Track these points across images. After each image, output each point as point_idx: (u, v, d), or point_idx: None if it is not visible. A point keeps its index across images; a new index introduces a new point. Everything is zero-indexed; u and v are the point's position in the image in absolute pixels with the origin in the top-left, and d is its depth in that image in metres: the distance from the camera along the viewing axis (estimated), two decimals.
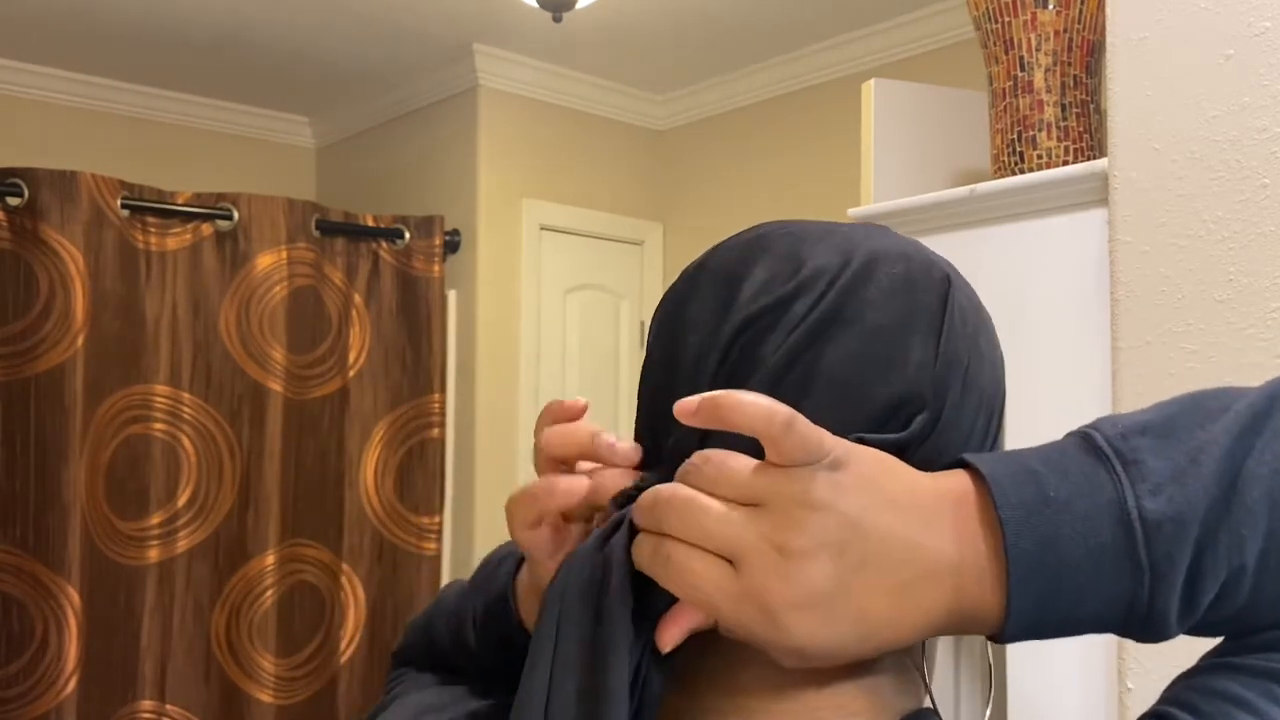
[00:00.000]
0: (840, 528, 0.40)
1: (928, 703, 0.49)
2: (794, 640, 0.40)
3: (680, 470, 0.43)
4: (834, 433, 0.42)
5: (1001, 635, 0.41)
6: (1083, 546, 0.39)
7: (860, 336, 0.46)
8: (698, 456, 0.42)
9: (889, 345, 0.46)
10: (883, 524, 0.40)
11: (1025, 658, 1.23)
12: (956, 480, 0.42)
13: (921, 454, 0.45)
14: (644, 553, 0.42)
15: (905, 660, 0.48)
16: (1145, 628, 0.41)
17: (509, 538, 0.55)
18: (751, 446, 0.41)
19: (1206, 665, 0.43)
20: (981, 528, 0.41)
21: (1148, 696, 1.07)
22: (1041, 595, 0.40)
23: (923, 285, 0.48)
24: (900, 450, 0.44)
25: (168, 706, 2.47)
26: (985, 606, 0.41)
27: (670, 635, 0.42)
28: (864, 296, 0.47)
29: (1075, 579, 0.39)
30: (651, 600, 0.43)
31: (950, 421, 0.46)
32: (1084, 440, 0.42)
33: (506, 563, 0.57)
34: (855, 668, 0.46)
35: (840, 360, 0.46)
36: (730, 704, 0.47)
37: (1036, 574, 0.39)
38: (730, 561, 0.40)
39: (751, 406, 0.40)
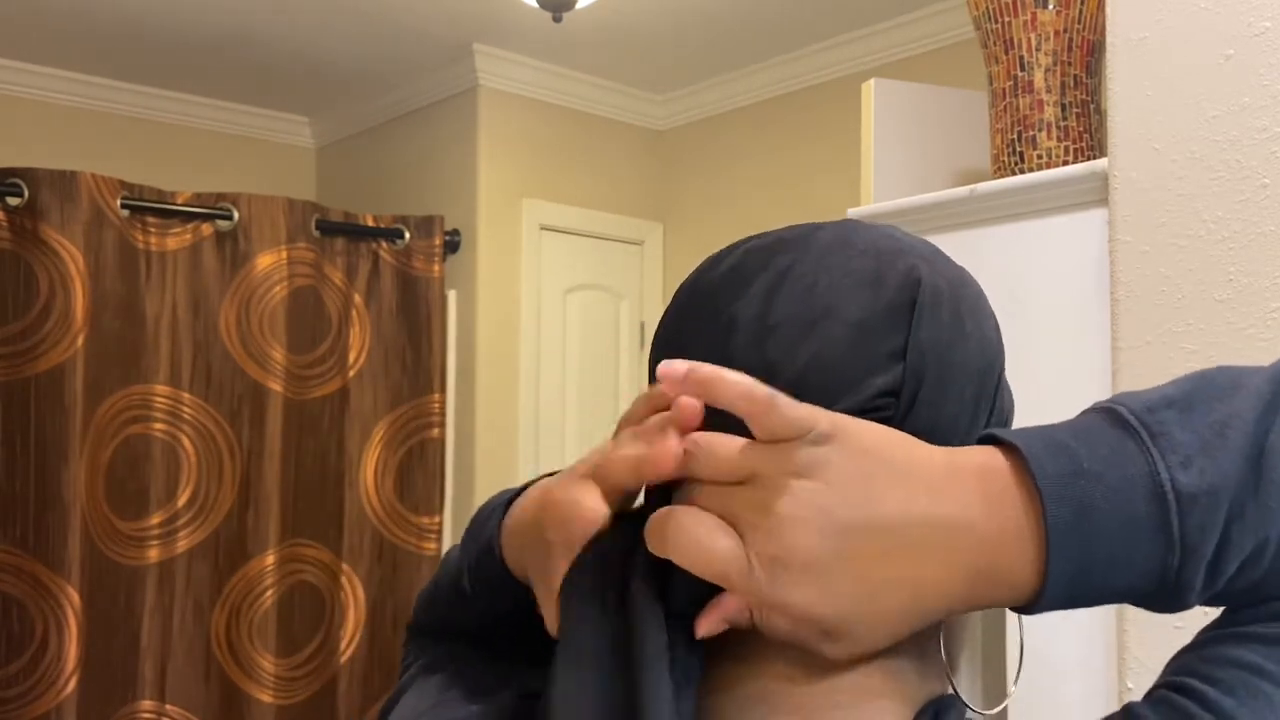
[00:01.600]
0: (827, 493, 0.41)
1: (951, 689, 0.50)
2: (797, 608, 0.41)
3: (678, 456, 0.44)
4: None
5: (1034, 605, 0.42)
6: (1116, 518, 0.40)
7: (826, 337, 0.47)
8: (688, 442, 0.44)
9: (857, 343, 0.47)
10: (876, 491, 0.41)
11: (1024, 656, 1.22)
12: (981, 454, 0.43)
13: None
14: (653, 532, 0.44)
15: (928, 645, 0.48)
16: (1170, 599, 0.41)
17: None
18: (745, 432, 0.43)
19: (1212, 636, 0.43)
20: (1017, 496, 0.41)
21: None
22: (1079, 565, 0.40)
23: (889, 279, 0.48)
24: None
25: (168, 706, 2.47)
26: (1015, 576, 0.41)
27: (709, 622, 0.44)
28: (829, 301, 0.48)
29: (1109, 549, 0.40)
30: (673, 595, 0.44)
31: (928, 402, 0.47)
32: (1109, 414, 0.42)
33: (496, 513, 0.58)
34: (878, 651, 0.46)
35: (806, 361, 0.47)
36: (751, 688, 0.47)
37: (1073, 543, 0.40)
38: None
39: (732, 385, 0.42)
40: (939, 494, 0.41)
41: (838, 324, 0.47)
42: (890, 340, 0.47)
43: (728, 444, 0.43)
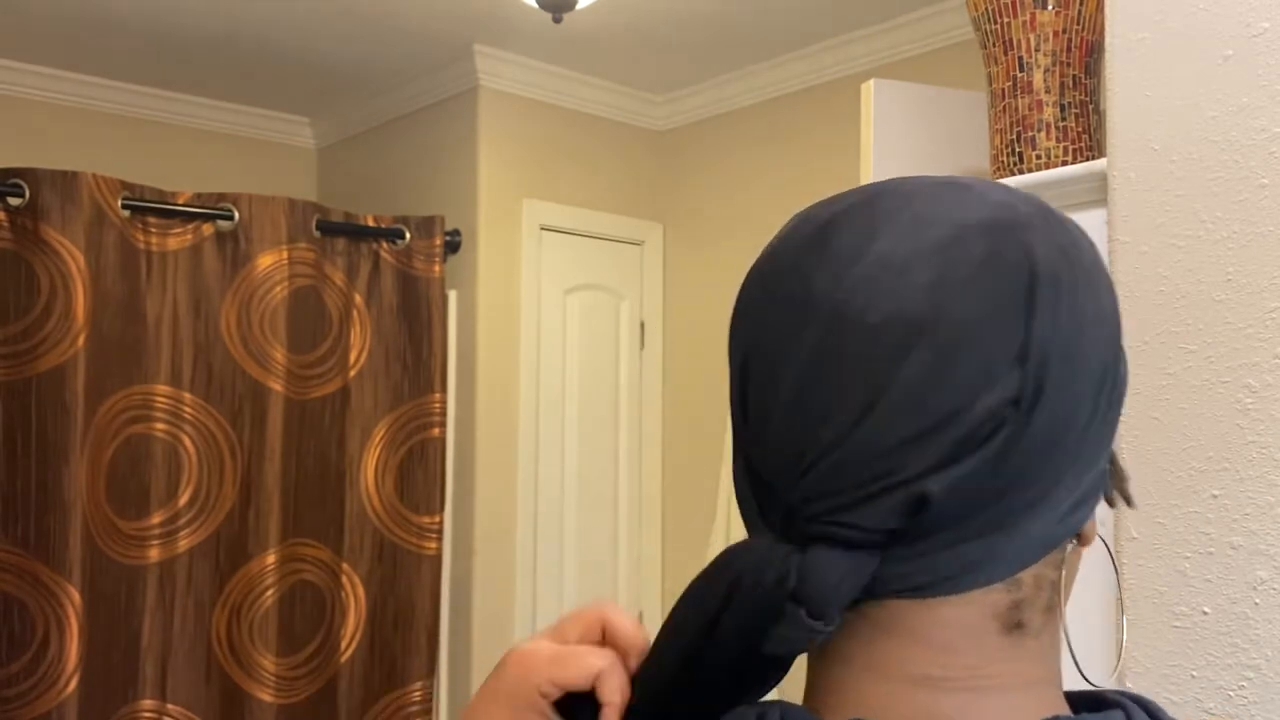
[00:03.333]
0: None
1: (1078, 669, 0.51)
2: None
3: None
4: (920, 453, 0.42)
5: None
6: None
7: (933, 346, 0.42)
8: None
9: (970, 350, 0.42)
10: None
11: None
12: None
13: (1020, 454, 0.42)
14: None
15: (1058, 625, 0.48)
16: None
17: (508, 534, 0.55)
18: None
19: None
20: None
21: (1148, 696, 1.07)
22: None
23: (1000, 266, 0.43)
24: (997, 460, 0.42)
25: (168, 706, 2.48)
26: None
27: None
28: (938, 298, 0.42)
29: None
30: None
31: (1052, 400, 0.42)
32: None
33: None
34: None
35: (918, 375, 0.42)
36: (913, 668, 0.47)
37: None
38: None
39: None
40: None
41: (946, 327, 0.42)
42: (1006, 343, 0.42)
43: None
